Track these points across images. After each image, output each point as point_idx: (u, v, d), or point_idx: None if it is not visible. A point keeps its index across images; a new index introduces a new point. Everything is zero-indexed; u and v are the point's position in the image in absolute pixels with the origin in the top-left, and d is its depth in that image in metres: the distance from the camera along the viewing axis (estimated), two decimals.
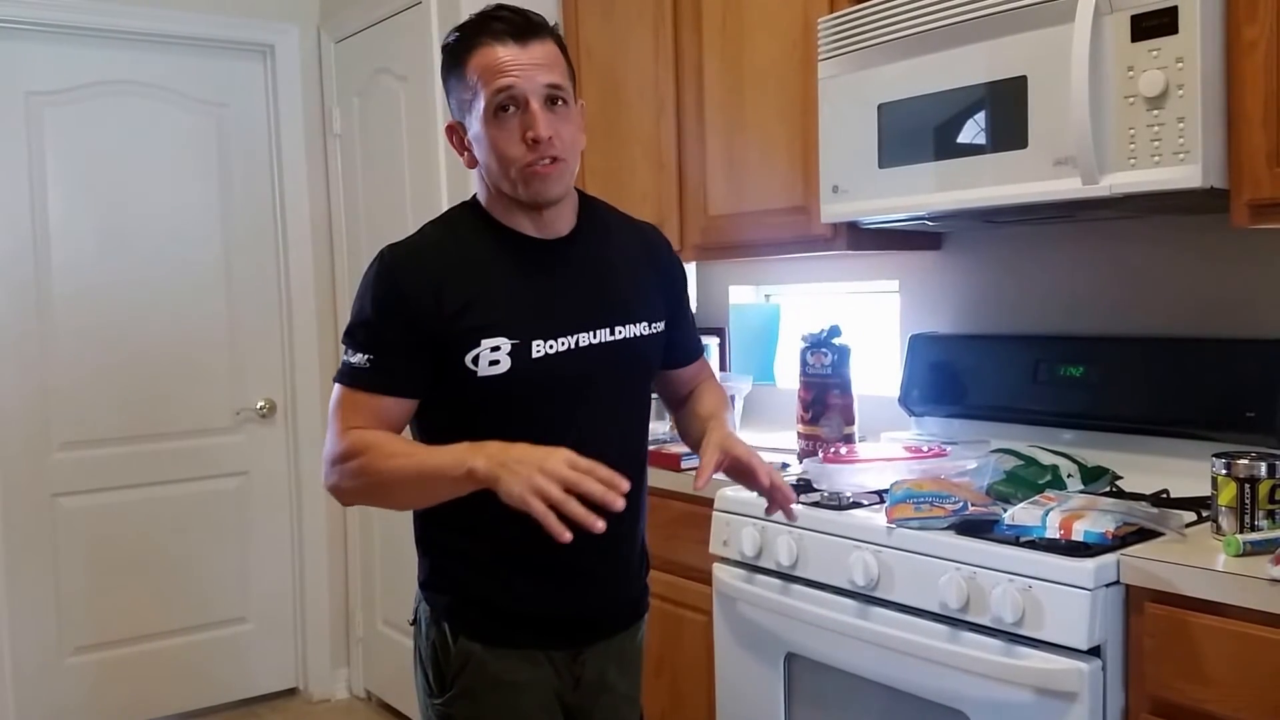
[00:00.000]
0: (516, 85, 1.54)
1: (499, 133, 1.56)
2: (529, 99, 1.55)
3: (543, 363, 1.59)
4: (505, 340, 1.57)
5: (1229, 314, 2.14)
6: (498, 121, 1.56)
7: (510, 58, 1.55)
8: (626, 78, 3.04)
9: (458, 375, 1.57)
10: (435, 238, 1.66)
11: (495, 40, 1.56)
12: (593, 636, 1.73)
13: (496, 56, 1.55)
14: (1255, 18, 1.73)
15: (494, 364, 1.57)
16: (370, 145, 3.71)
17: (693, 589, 2.40)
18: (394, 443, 1.56)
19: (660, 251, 1.83)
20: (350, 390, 1.60)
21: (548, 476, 1.39)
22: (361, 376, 1.59)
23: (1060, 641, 1.67)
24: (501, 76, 1.54)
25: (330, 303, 3.94)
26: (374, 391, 1.58)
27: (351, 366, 1.59)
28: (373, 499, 1.66)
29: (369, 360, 1.58)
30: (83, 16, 3.48)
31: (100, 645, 3.62)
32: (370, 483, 1.56)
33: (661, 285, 1.79)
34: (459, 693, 1.67)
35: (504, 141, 1.56)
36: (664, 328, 1.76)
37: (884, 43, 2.20)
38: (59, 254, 3.50)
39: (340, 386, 1.61)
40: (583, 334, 1.63)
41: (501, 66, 1.54)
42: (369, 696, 4.00)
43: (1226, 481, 1.73)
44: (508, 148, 1.56)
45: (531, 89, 1.55)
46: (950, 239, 2.66)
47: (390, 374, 1.58)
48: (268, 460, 3.92)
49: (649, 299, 1.74)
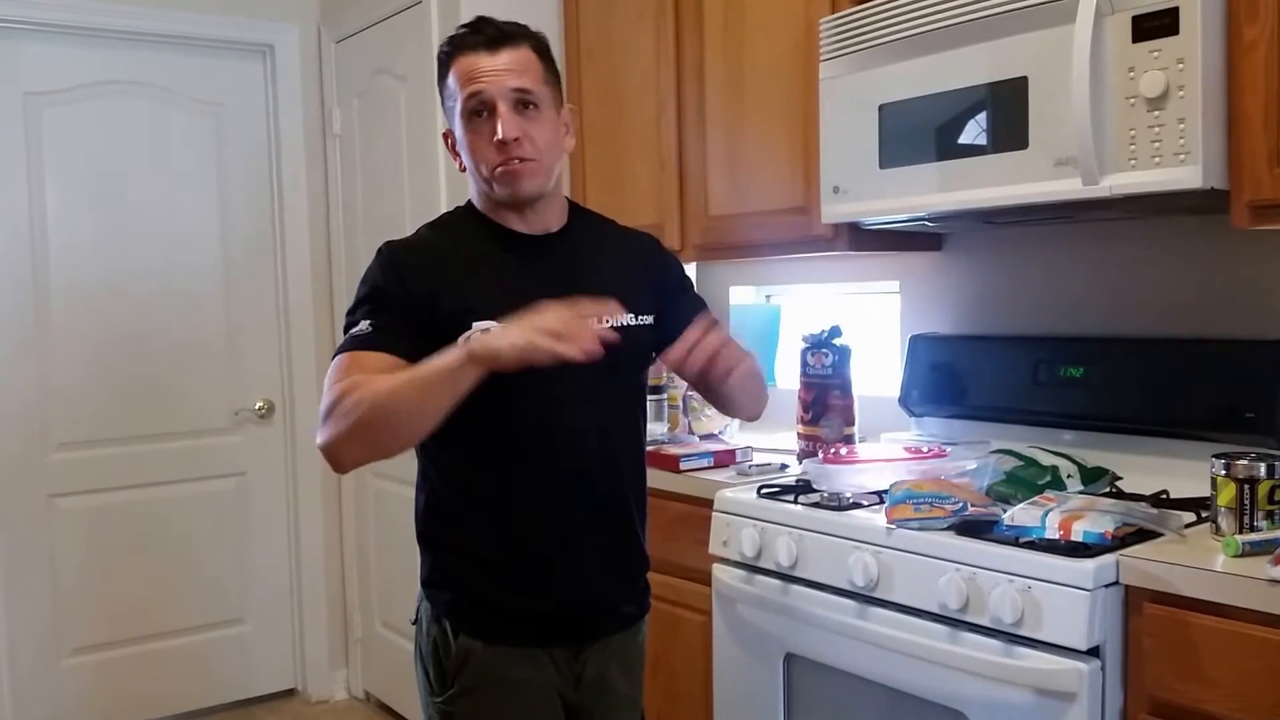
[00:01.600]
0: (485, 90, 1.64)
1: (473, 136, 1.66)
2: (497, 103, 1.63)
3: None
4: (494, 325, 1.58)
5: (1229, 315, 2.14)
6: (472, 126, 1.66)
7: (480, 65, 1.64)
8: (628, 78, 3.04)
9: None
10: (430, 235, 1.75)
11: (470, 50, 1.66)
12: (593, 635, 1.73)
13: (468, 65, 1.65)
14: (1256, 19, 1.73)
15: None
16: (370, 146, 3.71)
17: (692, 589, 2.40)
18: (385, 376, 1.53)
19: (651, 251, 1.88)
20: (350, 353, 1.60)
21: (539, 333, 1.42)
22: (363, 339, 1.60)
23: (1059, 642, 1.67)
24: (472, 83, 1.64)
25: (328, 302, 3.94)
26: (376, 350, 1.59)
27: (352, 335, 1.61)
28: (368, 436, 1.52)
29: (370, 325, 1.61)
30: (81, 16, 3.48)
31: (97, 646, 3.61)
32: (367, 414, 1.49)
33: (651, 283, 1.82)
34: (460, 691, 1.67)
35: (477, 144, 1.66)
36: (653, 322, 1.78)
37: (885, 43, 2.20)
38: (57, 254, 3.50)
39: (340, 355, 1.61)
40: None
41: (473, 74, 1.65)
42: (367, 697, 4.00)
43: (1226, 482, 1.73)
44: (480, 150, 1.66)
45: (499, 93, 1.63)
46: (951, 240, 2.66)
47: (392, 335, 1.60)
48: (266, 461, 3.91)
49: (635, 294, 1.76)
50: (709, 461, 2.56)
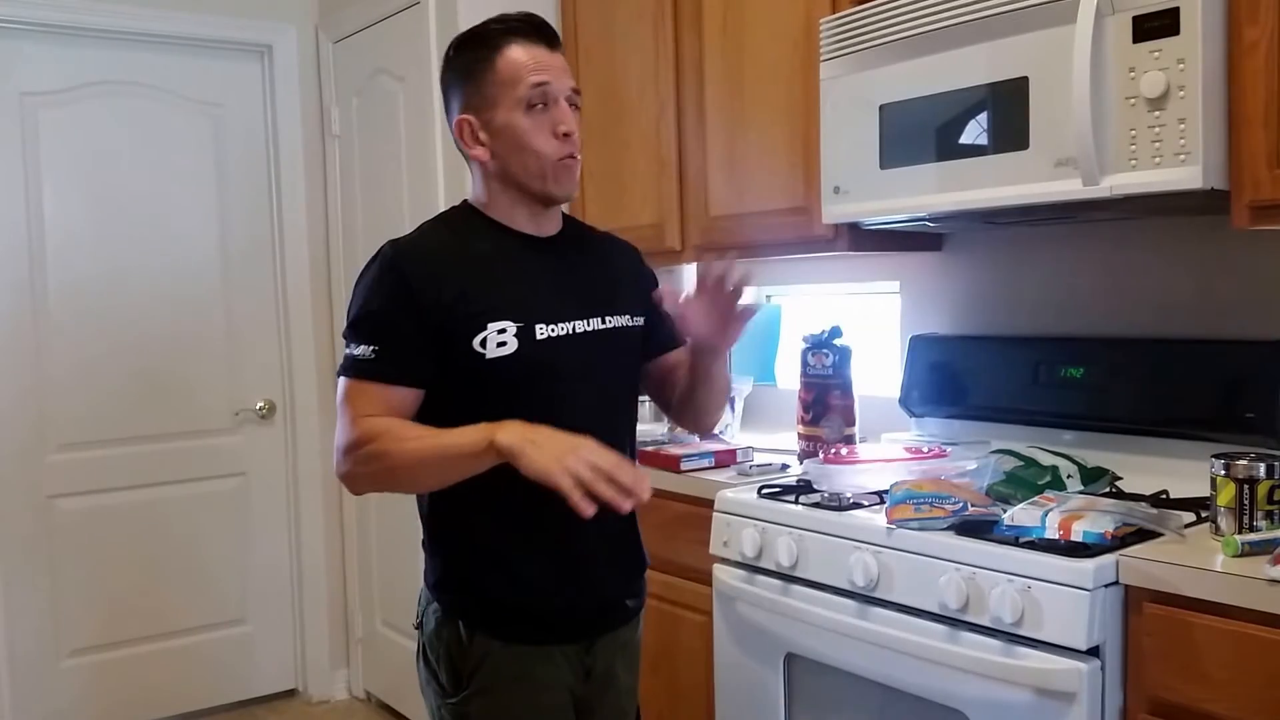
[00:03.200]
0: (552, 83, 1.66)
1: (532, 125, 1.65)
2: (559, 98, 1.67)
3: (548, 344, 1.65)
4: (510, 323, 1.62)
5: (1229, 315, 2.14)
6: (530, 115, 1.65)
7: (546, 59, 1.67)
8: (627, 78, 3.03)
9: (466, 360, 1.60)
10: (435, 233, 1.73)
11: (529, 41, 1.67)
12: (603, 629, 1.75)
13: (533, 55, 1.66)
14: (1256, 19, 1.73)
15: (501, 345, 1.61)
16: (368, 146, 3.71)
17: (692, 589, 2.40)
18: (408, 427, 1.58)
19: (637, 260, 1.91)
20: (357, 381, 1.61)
21: (578, 458, 1.42)
22: (368, 367, 1.60)
23: (1059, 642, 1.68)
24: (539, 73, 1.65)
25: (328, 303, 3.94)
26: (382, 381, 1.60)
27: (356, 359, 1.61)
28: (386, 483, 1.65)
29: (374, 351, 1.60)
30: (79, 16, 3.47)
31: (97, 647, 3.61)
32: (386, 466, 1.56)
33: (638, 286, 1.85)
34: (476, 690, 1.67)
35: (535, 134, 1.66)
36: (644, 323, 1.82)
37: (886, 43, 2.20)
38: (55, 254, 3.49)
39: (346, 380, 1.62)
40: (578, 321, 1.69)
41: (539, 65, 1.66)
42: (368, 697, 4.00)
43: (1225, 482, 1.73)
44: (539, 141, 1.66)
45: (561, 89, 1.67)
46: (951, 240, 2.66)
47: (397, 364, 1.60)
48: (266, 461, 3.91)
49: (629, 295, 1.80)
50: (710, 462, 2.56)
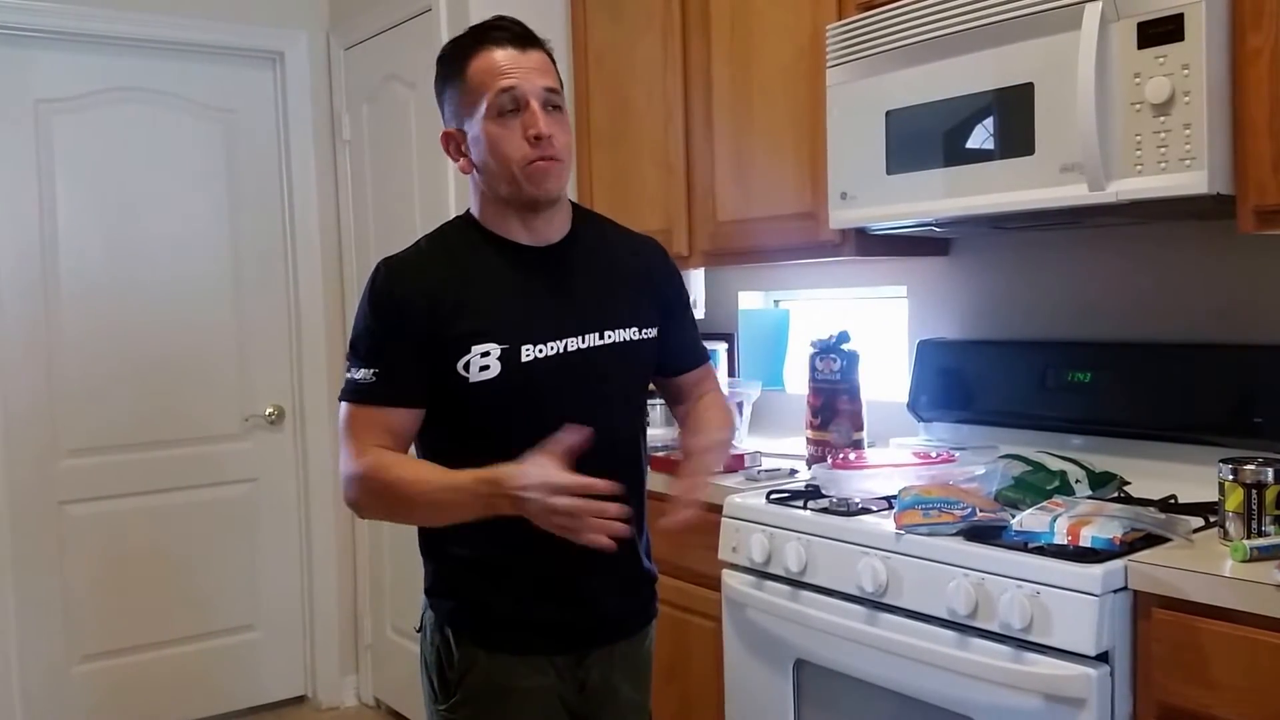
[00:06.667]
0: (519, 86, 1.61)
1: (501, 131, 1.62)
2: (529, 100, 1.61)
3: (533, 367, 1.62)
4: (495, 345, 1.60)
5: (1236, 319, 2.14)
6: (500, 121, 1.61)
7: (512, 62, 1.62)
8: (635, 84, 3.04)
9: (450, 383, 1.60)
10: (428, 249, 1.71)
11: (496, 45, 1.63)
12: (596, 642, 1.73)
13: (498, 60, 1.62)
14: (1261, 25, 1.73)
15: (484, 369, 1.60)
16: (379, 152, 3.72)
17: (701, 595, 2.41)
18: (410, 467, 1.60)
19: (655, 261, 1.84)
20: (359, 406, 1.61)
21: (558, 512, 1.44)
22: (368, 391, 1.61)
23: (1068, 647, 1.67)
24: (504, 78, 1.61)
25: (339, 309, 3.95)
26: (383, 405, 1.61)
27: (357, 383, 1.61)
28: (391, 517, 1.72)
29: (374, 374, 1.60)
30: (92, 24, 3.50)
31: (108, 653, 3.62)
32: (387, 507, 1.64)
33: (655, 294, 1.80)
34: (463, 699, 1.67)
35: (506, 140, 1.61)
36: (656, 334, 1.77)
37: (892, 49, 2.20)
38: (68, 261, 3.51)
39: (348, 404, 1.63)
40: (571, 338, 1.66)
41: (503, 69, 1.61)
42: (378, 704, 4.00)
43: (1234, 487, 1.72)
44: (509, 146, 1.61)
45: (532, 90, 1.61)
46: (958, 245, 2.66)
47: (396, 385, 1.61)
48: (276, 467, 3.92)
49: (640, 306, 1.76)
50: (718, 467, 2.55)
